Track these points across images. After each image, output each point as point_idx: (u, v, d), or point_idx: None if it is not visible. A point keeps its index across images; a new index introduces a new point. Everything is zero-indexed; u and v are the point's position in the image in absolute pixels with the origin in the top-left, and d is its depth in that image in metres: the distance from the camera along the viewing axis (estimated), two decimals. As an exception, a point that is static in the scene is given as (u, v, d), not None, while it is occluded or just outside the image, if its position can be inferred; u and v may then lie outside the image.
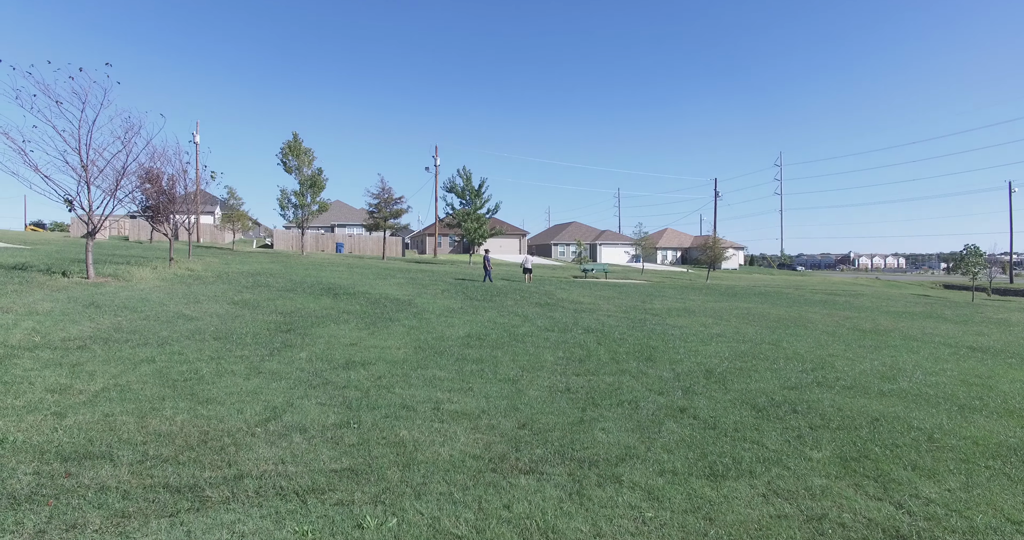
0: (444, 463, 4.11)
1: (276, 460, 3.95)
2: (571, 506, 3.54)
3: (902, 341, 12.86)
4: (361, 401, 5.61)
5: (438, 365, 7.62)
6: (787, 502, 3.81)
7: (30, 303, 8.79)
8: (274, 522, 3.06)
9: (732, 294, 25.49)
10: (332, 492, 3.50)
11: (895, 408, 6.58)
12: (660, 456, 4.57)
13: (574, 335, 11.00)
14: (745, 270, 56.77)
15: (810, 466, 4.52)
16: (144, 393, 5.27)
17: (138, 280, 12.82)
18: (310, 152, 32.00)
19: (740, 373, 8.19)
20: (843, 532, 3.41)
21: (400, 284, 19.27)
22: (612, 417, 5.65)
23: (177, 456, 3.90)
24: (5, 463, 3.67)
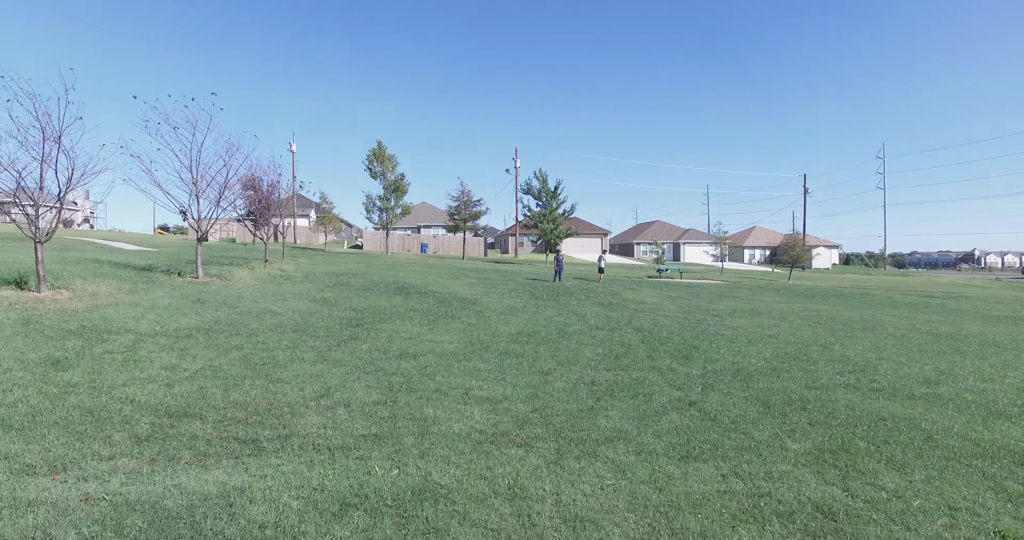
0: (453, 435, 4.98)
1: (320, 426, 4.99)
2: (544, 472, 4.28)
3: (978, 347, 12.24)
4: (403, 385, 6.60)
5: (481, 358, 8.51)
6: (741, 481, 4.33)
7: (154, 299, 10.65)
8: (307, 466, 4.06)
9: (809, 295, 24.59)
10: (356, 450, 4.46)
11: (914, 410, 6.68)
12: (646, 440, 5.17)
13: (621, 334, 11.53)
14: (838, 270, 53.41)
15: (783, 455, 4.95)
16: (231, 373, 6.55)
17: (237, 280, 14.79)
18: (393, 158, 34.15)
19: (770, 373, 8.44)
20: (775, 506, 3.91)
21: (471, 284, 20.41)
22: (621, 407, 6.27)
23: (247, 419, 5.04)
24: (133, 415, 4.95)
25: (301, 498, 3.58)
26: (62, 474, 3.77)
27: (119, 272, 13.61)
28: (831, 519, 3.79)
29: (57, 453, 4.09)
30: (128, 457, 4.10)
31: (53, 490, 3.52)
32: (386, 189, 34.22)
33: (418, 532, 3.28)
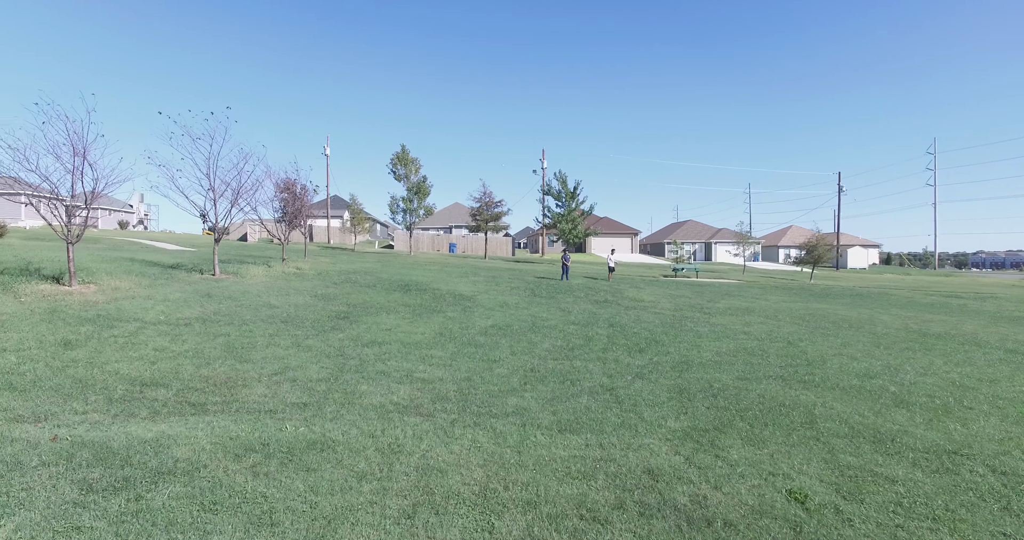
0: (370, 406, 5.87)
1: (262, 395, 5.96)
2: (428, 435, 5.12)
3: (955, 345, 12.32)
4: (354, 367, 7.54)
5: (442, 347, 9.39)
6: (598, 449, 5.06)
7: (167, 293, 11.98)
8: (234, 423, 5.02)
9: (821, 295, 24.50)
10: (281, 413, 5.41)
11: (821, 399, 7.19)
12: (540, 416, 5.94)
13: (593, 328, 12.21)
14: (875, 269, 51.91)
15: (656, 432, 5.64)
16: (210, 355, 7.63)
17: (250, 277, 16.13)
18: (416, 161, 35.47)
19: (712, 365, 9.01)
20: (610, 468, 4.63)
21: (475, 282, 21.32)
22: (541, 390, 7.03)
23: (204, 389, 6.07)
24: (113, 384, 6.05)
25: (216, 444, 4.54)
26: (43, 423, 4.84)
27: (146, 269, 15.13)
28: (652, 478, 4.50)
29: (43, 408, 5.19)
30: (97, 413, 5.16)
31: (32, 433, 4.58)
32: (409, 191, 35.56)
33: (296, 469, 4.18)
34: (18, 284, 11.10)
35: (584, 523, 3.68)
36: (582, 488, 4.22)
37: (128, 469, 4.01)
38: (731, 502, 4.10)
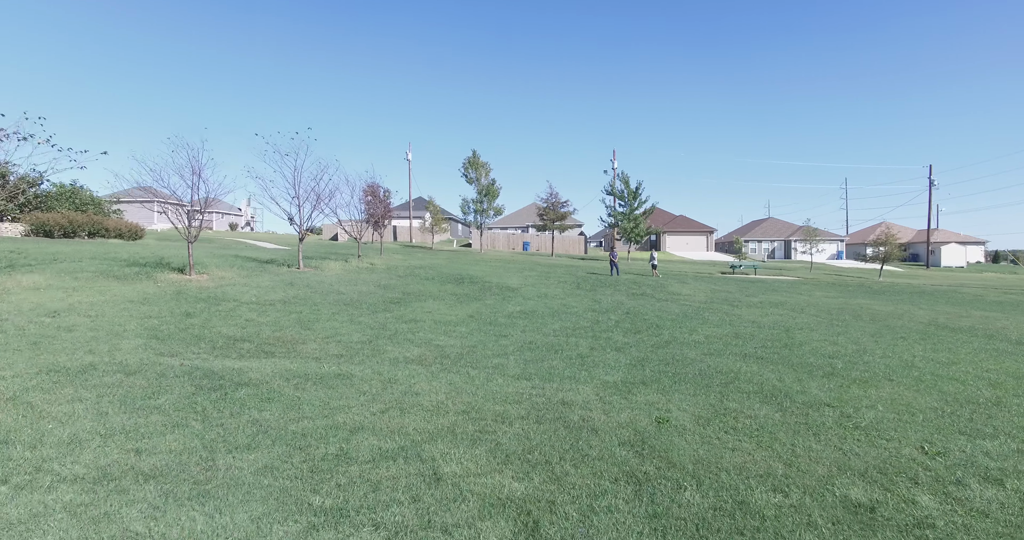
0: (387, 359, 8.08)
1: (313, 350, 8.34)
2: (418, 376, 7.22)
3: (960, 337, 12.79)
4: (387, 336, 9.82)
5: (465, 325, 11.50)
6: (537, 390, 6.92)
7: (259, 282, 14.98)
8: (289, 362, 7.39)
9: (875, 292, 24.33)
10: (322, 360, 7.72)
11: (764, 370, 8.56)
12: (509, 369, 7.88)
13: (608, 315, 13.88)
14: (975, 268, 48.27)
15: (591, 382, 7.41)
16: (283, 324, 10.20)
17: (328, 270, 19.09)
18: (486, 165, 37.99)
19: (692, 345, 10.47)
20: (538, 400, 6.50)
21: (528, 276, 23.32)
22: (524, 355, 8.94)
23: (276, 344, 8.54)
24: (217, 339, 8.66)
25: (275, 373, 6.89)
26: (175, 357, 7.43)
27: (245, 264, 18.46)
28: (563, 406, 6.32)
29: (175, 350, 7.81)
30: (205, 353, 7.72)
31: (170, 362, 7.14)
32: (479, 193, 38.17)
33: (321, 387, 6.41)
34: (156, 273, 14.46)
35: (494, 423, 5.62)
36: (506, 407, 6.14)
37: (222, 381, 6.41)
38: (608, 421, 5.87)
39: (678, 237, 62.87)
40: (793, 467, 4.72)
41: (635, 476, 4.39)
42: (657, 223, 66.13)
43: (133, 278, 13.61)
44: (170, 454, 4.42)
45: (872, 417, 6.25)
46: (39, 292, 10.97)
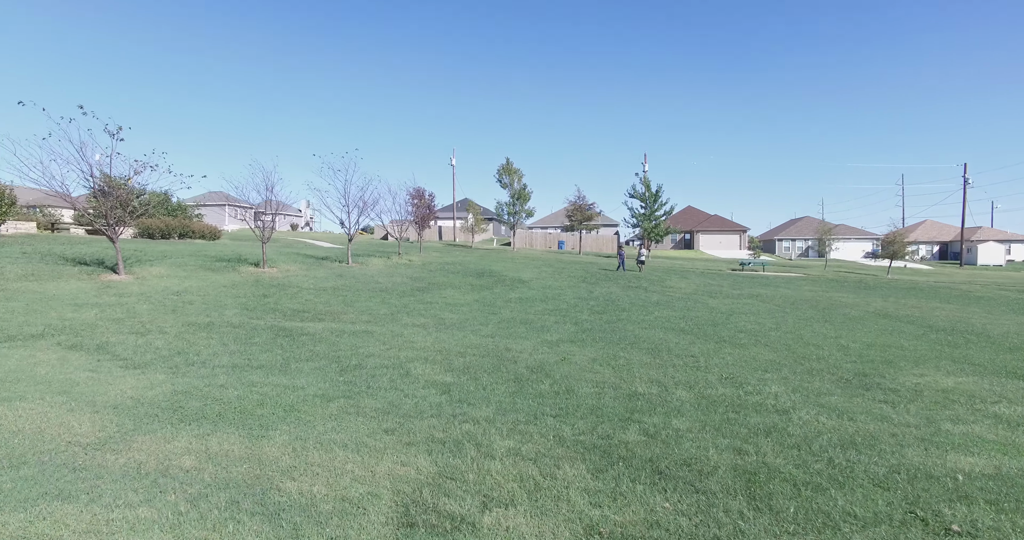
0: (401, 324, 11.66)
1: (349, 318, 12.03)
2: (418, 334, 10.75)
3: (883, 322, 15.31)
4: (406, 311, 13.43)
5: (469, 307, 14.98)
6: (494, 342, 10.33)
7: (316, 273, 18.95)
8: (334, 324, 11.08)
9: (863, 288, 26.32)
10: (355, 324, 11.38)
11: (680, 338, 11.64)
12: (482, 331, 11.29)
13: (590, 301, 17.05)
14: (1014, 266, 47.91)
15: (533, 339, 10.73)
16: (331, 302, 13.98)
17: (371, 265, 23.01)
18: (518, 171, 41.47)
19: (639, 322, 13.58)
20: (491, 348, 9.91)
21: (542, 271, 26.61)
22: (500, 325, 12.33)
23: (327, 312, 12.28)
24: (285, 310, 12.47)
25: (324, 329, 10.57)
26: (261, 320, 11.23)
27: (305, 260, 22.62)
28: (505, 351, 9.71)
29: (258, 316, 11.64)
30: (277, 319, 11.51)
31: (256, 322, 10.94)
32: (512, 196, 41.68)
33: (351, 336, 10.03)
34: (238, 267, 18.67)
35: (453, 356, 9.04)
36: (466, 349, 9.57)
37: (290, 332, 10.13)
38: (527, 358, 9.19)
39: (711, 236, 64.47)
40: (623, 380, 7.94)
41: (520, 380, 7.74)
42: (691, 223, 67.91)
43: (223, 270, 17.81)
44: (265, 361, 8.10)
45: (714, 362, 9.32)
46: (163, 279, 15.19)
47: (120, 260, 15.09)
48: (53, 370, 6.92)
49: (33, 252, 16.80)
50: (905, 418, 6.54)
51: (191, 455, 4.55)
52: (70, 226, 28.24)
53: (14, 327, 9.09)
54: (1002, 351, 11.47)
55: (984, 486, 4.51)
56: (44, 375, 6.66)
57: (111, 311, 11.01)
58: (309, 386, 6.78)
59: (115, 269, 15.23)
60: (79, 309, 11.02)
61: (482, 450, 4.88)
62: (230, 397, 6.15)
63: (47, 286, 12.95)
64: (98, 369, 7.15)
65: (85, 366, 7.24)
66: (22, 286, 12.62)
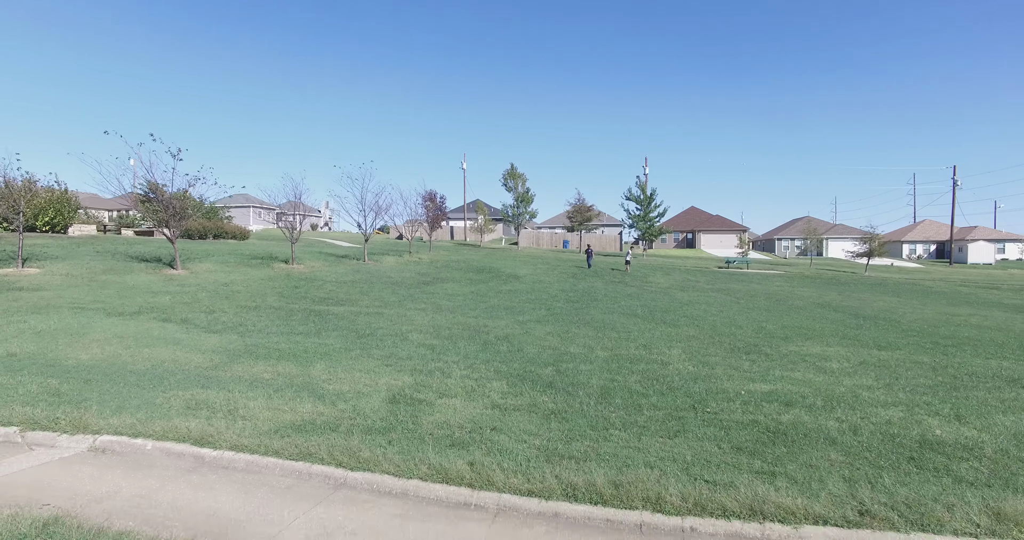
0: (406, 308, 14.68)
1: (364, 303, 15.08)
2: (420, 314, 13.76)
3: (812, 309, 17.97)
4: (410, 299, 16.45)
5: (463, 297, 17.96)
6: (476, 321, 13.30)
7: (337, 269, 22.08)
8: (353, 308, 14.13)
9: (828, 283, 28.82)
10: (368, 307, 14.43)
11: (627, 320, 14.50)
12: (470, 313, 14.26)
13: (569, 292, 19.92)
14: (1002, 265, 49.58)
15: (508, 319, 13.67)
16: (350, 292, 17.04)
17: (385, 262, 26.11)
18: (522, 176, 44.43)
19: (604, 309, 16.44)
20: (472, 325, 12.88)
21: (537, 268, 29.49)
22: (486, 310, 15.28)
23: (344, 300, 15.35)
24: (313, 297, 15.56)
25: (345, 311, 13.61)
26: (295, 304, 14.32)
27: (327, 258, 25.81)
28: (480, 328, 12.68)
29: (294, 301, 14.73)
30: (310, 303, 14.57)
31: (293, 306, 14.03)
32: (516, 199, 44.64)
33: (366, 316, 13.05)
34: (271, 263, 21.88)
35: (444, 329, 12.00)
36: (453, 325, 12.54)
37: (320, 313, 13.17)
38: (497, 331, 12.13)
39: (712, 236, 66.75)
40: (562, 344, 10.84)
41: (487, 343, 10.66)
42: (693, 223, 70.25)
43: (258, 266, 21.01)
44: (303, 330, 11.13)
45: (642, 336, 12.18)
46: (212, 273, 18.40)
47: (177, 258, 18.31)
48: (161, 333, 10.01)
49: (104, 251, 20.11)
50: (752, 367, 9.37)
51: (268, 373, 7.59)
52: (120, 228, 31.76)
53: (118, 307, 12.24)
54: (891, 332, 14.15)
55: (750, 397, 7.38)
56: (158, 335, 9.75)
57: (180, 297, 14.16)
58: (335, 343, 9.81)
59: (172, 265, 18.46)
60: (155, 296, 14.18)
61: (444, 375, 7.85)
62: (283, 348, 9.20)
63: (125, 278, 16.18)
64: (189, 333, 10.23)
65: (179, 331, 10.33)
66: (108, 278, 15.86)
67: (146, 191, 20.27)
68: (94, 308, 11.86)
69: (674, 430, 5.98)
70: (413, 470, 4.77)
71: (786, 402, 7.18)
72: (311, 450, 5.06)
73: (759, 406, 6.97)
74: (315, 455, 4.99)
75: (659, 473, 4.81)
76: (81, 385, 6.61)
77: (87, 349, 8.42)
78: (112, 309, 11.95)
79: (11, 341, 8.55)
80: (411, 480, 4.66)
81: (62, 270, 16.11)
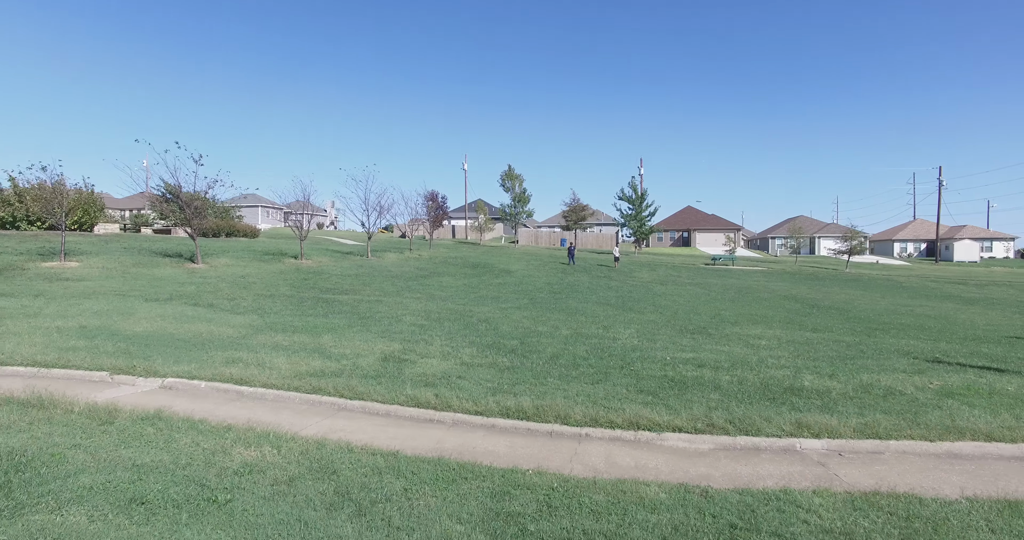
0: (404, 297, 16.58)
1: (366, 292, 16.97)
2: (413, 302, 15.66)
3: (772, 299, 19.76)
4: (407, 289, 18.34)
5: (456, 288, 19.83)
6: (461, 307, 15.18)
7: (342, 264, 24.00)
8: (355, 296, 16.04)
9: (798, 278, 30.55)
10: (369, 296, 16.33)
11: (597, 307, 16.33)
12: (459, 301, 16.15)
13: (554, 285, 21.78)
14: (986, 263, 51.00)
15: (490, 305, 15.54)
16: (354, 283, 18.95)
17: (386, 258, 28.03)
18: (519, 177, 46.25)
19: (581, 298, 18.28)
20: (457, 309, 14.77)
21: (530, 264, 31.31)
22: (475, 300, 17.15)
23: (348, 290, 17.26)
24: (321, 286, 17.50)
25: (349, 299, 15.51)
26: (305, 293, 16.24)
27: (333, 254, 27.74)
28: (463, 312, 14.56)
29: (304, 291, 16.64)
30: (318, 292, 16.50)
31: (304, 294, 15.95)
32: (514, 199, 46.48)
33: (368, 303, 14.95)
34: (281, 259, 23.82)
35: (434, 313, 13.87)
36: (442, 311, 14.40)
37: (327, 300, 15.07)
38: (479, 315, 13.98)
39: (707, 234, 68.38)
40: (534, 325, 12.70)
41: (469, 324, 12.52)
42: (689, 222, 71.92)
43: (270, 261, 22.97)
44: (313, 313, 13.03)
45: (607, 320, 14.03)
46: (229, 267, 20.35)
47: (198, 253, 20.28)
48: (194, 314, 11.93)
49: (130, 247, 22.10)
50: (690, 343, 11.19)
51: (285, 341, 9.49)
52: (139, 227, 33.83)
53: (152, 294, 14.18)
54: (835, 319, 15.91)
55: (672, 361, 9.22)
56: (192, 315, 11.68)
57: (204, 287, 16.10)
58: (340, 322, 11.72)
59: (193, 259, 20.42)
60: (182, 285, 16.13)
61: (427, 344, 9.74)
62: (297, 325, 11.11)
63: (153, 271, 18.14)
64: (217, 314, 12.15)
65: (208, 312, 12.25)
66: (138, 271, 17.82)
67: (163, 192, 22.23)
68: (133, 295, 13.81)
69: (597, 379, 7.84)
70: (394, 399, 6.65)
71: (699, 364, 9.01)
72: (321, 387, 6.95)
73: (675, 367, 8.80)
74: (324, 390, 6.88)
75: (572, 402, 6.67)
76: (143, 347, 8.53)
77: (139, 324, 10.35)
78: (148, 296, 13.90)
79: (79, 317, 10.49)
80: (392, 405, 6.54)
81: (98, 264, 18.08)
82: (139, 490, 3.48)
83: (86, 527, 2.99)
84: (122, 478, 3.68)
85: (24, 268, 16.36)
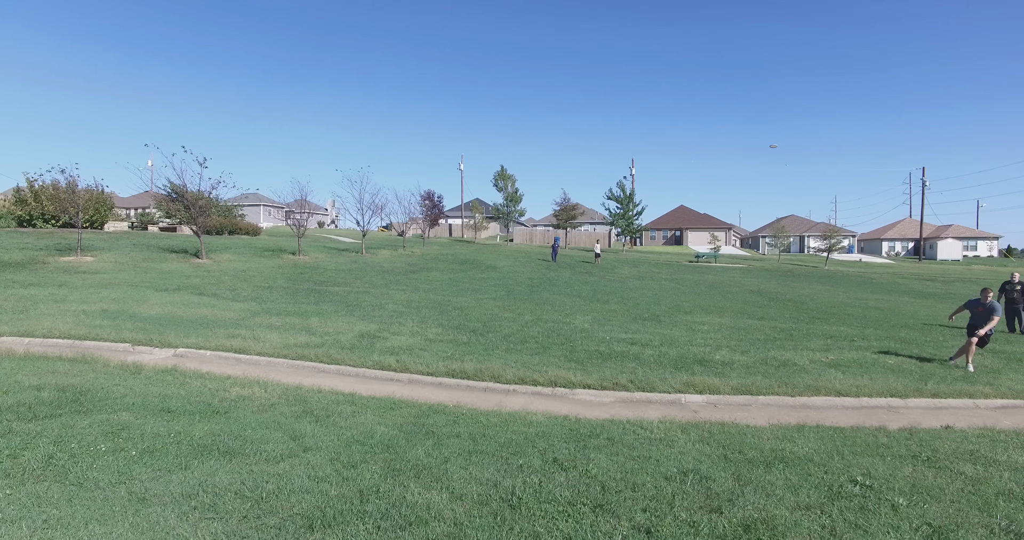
0: (392, 289, 18.13)
1: (357, 285, 18.53)
2: (399, 292, 17.21)
3: (738, 293, 21.25)
4: (396, 282, 19.89)
5: (442, 282, 21.37)
6: (442, 299, 16.71)
7: (337, 259, 25.55)
8: (347, 288, 17.61)
9: (773, 275, 32.00)
10: (360, 287, 17.87)
11: (564, 298, 17.87)
12: (442, 293, 17.69)
13: (535, 279, 23.30)
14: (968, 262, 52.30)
15: (471, 297, 17.08)
16: (347, 277, 20.49)
17: (380, 255, 29.58)
18: (512, 177, 47.90)
19: (555, 291, 19.80)
20: (439, 300, 16.31)
21: (517, 261, 32.79)
22: (456, 291, 18.69)
23: (341, 282, 18.82)
24: (315, 279, 19.05)
25: (342, 290, 17.06)
26: (301, 285, 17.78)
27: (330, 251, 29.32)
28: (443, 303, 16.11)
29: (300, 283, 18.21)
30: (313, 284, 18.03)
31: (300, 286, 17.51)
32: (506, 199, 48.04)
33: (357, 293, 16.49)
34: (280, 255, 25.38)
35: (416, 303, 15.42)
36: (423, 302, 15.93)
37: (321, 291, 16.63)
38: (459, 305, 15.50)
39: (699, 233, 69.73)
40: (501, 311, 14.21)
41: (444, 311, 14.06)
42: (681, 221, 73.35)
43: (269, 257, 24.54)
44: (306, 301, 14.58)
45: (571, 309, 15.55)
46: (231, 262, 21.92)
47: (203, 249, 21.86)
48: (199, 301, 13.49)
49: (139, 244, 23.67)
50: (637, 328, 12.70)
51: (278, 322, 11.04)
52: (145, 225, 35.43)
53: (161, 285, 15.75)
54: (786, 310, 17.38)
55: (611, 340, 10.75)
56: (197, 302, 13.24)
57: (208, 279, 17.66)
58: (328, 308, 13.27)
59: (198, 255, 21.99)
60: (188, 278, 17.69)
61: (401, 325, 11.28)
62: (289, 310, 12.66)
63: (161, 265, 19.71)
64: (220, 301, 13.71)
65: (212, 300, 13.81)
66: (148, 265, 19.39)
67: (169, 191, 23.79)
68: (145, 286, 15.38)
69: (537, 352, 9.37)
70: (364, 363, 8.20)
71: (631, 343, 10.53)
72: (305, 355, 8.50)
73: (611, 345, 10.32)
74: (307, 357, 8.43)
75: (507, 366, 8.21)
76: (158, 326, 10.09)
77: (152, 308, 11.92)
78: (158, 286, 15.46)
79: (100, 303, 12.06)
80: (361, 368, 8.09)
81: (111, 259, 19.64)
82: (165, 405, 5.03)
83: (132, 421, 4.53)
84: (152, 400, 5.23)
85: (46, 262, 17.93)
